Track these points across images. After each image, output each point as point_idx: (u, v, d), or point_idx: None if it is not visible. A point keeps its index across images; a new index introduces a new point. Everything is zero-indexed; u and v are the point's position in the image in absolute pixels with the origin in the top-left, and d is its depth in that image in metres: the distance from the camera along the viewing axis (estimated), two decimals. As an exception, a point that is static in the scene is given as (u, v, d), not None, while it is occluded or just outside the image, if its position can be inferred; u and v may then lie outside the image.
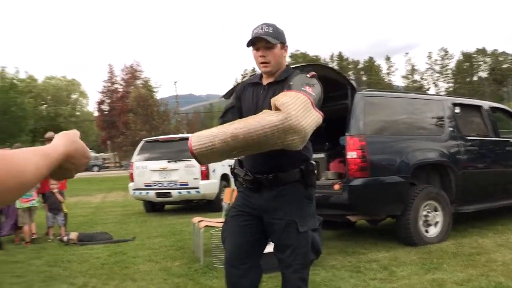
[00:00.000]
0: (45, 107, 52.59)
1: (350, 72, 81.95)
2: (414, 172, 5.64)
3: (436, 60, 76.45)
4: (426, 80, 78.16)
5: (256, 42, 2.58)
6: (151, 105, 37.49)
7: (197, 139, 2.32)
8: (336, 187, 5.36)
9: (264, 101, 2.58)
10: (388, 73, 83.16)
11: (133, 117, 36.97)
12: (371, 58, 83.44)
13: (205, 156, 2.34)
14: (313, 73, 2.54)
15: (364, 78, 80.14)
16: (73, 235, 7.12)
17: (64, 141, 0.93)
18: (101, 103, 46.81)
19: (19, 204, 7.11)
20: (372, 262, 4.93)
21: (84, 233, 7.38)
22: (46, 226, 7.76)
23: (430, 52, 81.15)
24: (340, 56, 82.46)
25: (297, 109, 2.21)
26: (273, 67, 2.60)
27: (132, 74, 46.31)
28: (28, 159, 0.75)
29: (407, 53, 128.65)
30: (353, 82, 5.73)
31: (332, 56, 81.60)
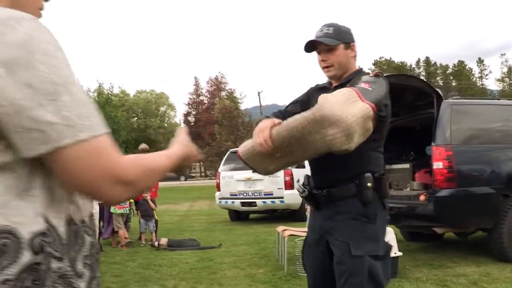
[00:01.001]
0: (136, 120, 55.67)
1: (438, 78, 78.46)
2: (507, 183, 5.35)
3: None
4: (524, 83, 72.87)
5: (317, 45, 2.33)
6: (236, 116, 38.47)
7: (244, 144, 2.25)
8: (422, 198, 5.24)
9: None
10: (480, 77, 78.59)
11: (218, 128, 38.17)
12: (461, 62, 79.27)
13: (251, 160, 2.22)
14: (378, 71, 2.25)
15: (454, 84, 76.39)
16: (163, 240, 7.57)
17: (181, 145, 1.18)
18: (187, 114, 49.05)
19: (113, 209, 7.70)
20: (460, 277, 4.75)
21: (173, 239, 7.80)
22: (139, 231, 8.31)
23: (528, 53, 75.56)
24: (427, 61, 79.33)
25: (333, 99, 1.95)
26: (337, 70, 2.34)
27: (217, 86, 48.05)
28: (159, 159, 1.02)
29: (503, 54, 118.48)
30: (439, 91, 5.57)
31: (418, 62, 78.75)
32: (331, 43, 2.27)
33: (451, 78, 78.41)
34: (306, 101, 2.46)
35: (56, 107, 0.79)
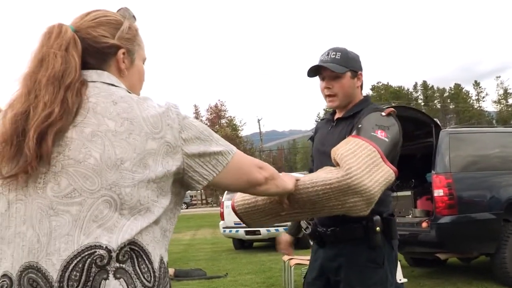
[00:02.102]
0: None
1: (436, 101, 79.14)
2: (507, 208, 5.49)
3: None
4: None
5: (321, 70, 2.15)
6: (237, 144, 38.73)
7: (241, 195, 1.97)
8: (424, 225, 5.37)
9: (330, 141, 2.12)
10: (477, 99, 79.31)
11: (219, 156, 38.40)
12: (458, 85, 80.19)
13: (249, 216, 1.99)
14: (390, 109, 2.11)
15: (451, 106, 76.99)
16: (170, 271, 7.58)
17: (293, 180, 1.66)
18: (188, 142, 49.16)
19: None
20: (465, 302, 4.84)
21: (180, 269, 7.88)
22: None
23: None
24: (424, 85, 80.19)
25: (360, 164, 1.78)
26: (341, 100, 2.17)
27: (217, 113, 48.38)
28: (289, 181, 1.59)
29: (498, 77, 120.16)
30: (437, 121, 5.78)
31: (415, 86, 79.58)
32: (338, 70, 2.10)
33: (449, 101, 79.15)
34: (312, 145, 2.38)
35: (216, 141, 1.16)
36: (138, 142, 1.00)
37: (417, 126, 5.90)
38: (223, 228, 10.98)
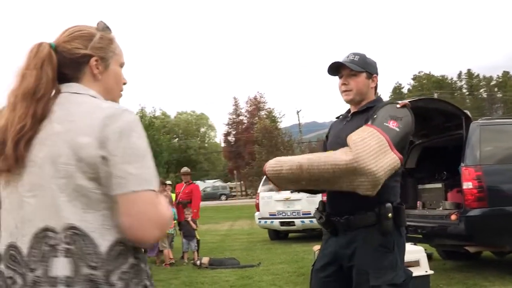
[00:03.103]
0: (177, 141, 56.88)
1: (482, 90, 76.37)
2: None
3: None
4: None
5: (341, 70, 2.44)
6: (276, 136, 38.72)
7: (273, 161, 2.42)
8: (453, 217, 5.36)
9: (344, 133, 2.31)
10: (527, 88, 75.80)
11: (258, 148, 38.51)
12: (506, 73, 76.80)
13: (276, 179, 2.39)
14: (405, 102, 2.32)
15: (499, 95, 74.10)
16: (205, 259, 7.92)
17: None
18: (227, 134, 49.64)
19: None
20: (494, 295, 4.83)
21: (214, 258, 8.14)
22: (181, 251, 8.70)
23: None
24: (469, 73, 77.45)
25: (368, 150, 2.05)
26: (355, 95, 2.42)
27: (256, 105, 48.48)
28: (168, 209, 1.30)
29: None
30: (468, 112, 5.72)
31: (460, 75, 76.99)
32: (355, 68, 2.38)
33: (496, 90, 76.13)
34: (327, 138, 2.63)
35: (141, 164, 1.20)
36: (73, 141, 1.18)
37: (447, 118, 5.87)
38: (259, 219, 11.18)
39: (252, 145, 41.74)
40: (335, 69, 2.46)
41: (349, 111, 2.55)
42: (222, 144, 55.04)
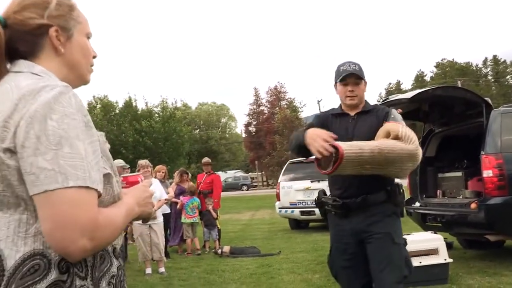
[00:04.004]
0: (198, 132, 57.27)
1: (508, 77, 74.55)
2: None
3: None
4: None
5: (347, 77, 2.86)
6: (297, 126, 38.71)
7: (348, 145, 2.49)
8: (473, 205, 5.33)
9: (355, 129, 2.82)
10: (556, 75, 73.56)
11: (279, 138, 38.56)
12: (533, 60, 74.56)
13: (346, 164, 2.46)
14: (400, 110, 2.98)
15: (527, 82, 72.04)
16: (226, 248, 8.05)
17: (138, 206, 1.23)
18: (248, 125, 49.78)
19: (184, 219, 8.29)
20: (515, 284, 4.80)
21: (235, 247, 8.27)
22: (203, 239, 8.85)
23: None
24: (495, 59, 75.57)
25: (417, 141, 2.57)
26: (358, 100, 2.88)
27: (277, 95, 48.46)
28: (119, 218, 1.11)
29: None
30: (489, 100, 5.64)
31: (485, 61, 75.22)
32: (361, 76, 2.88)
33: (523, 76, 74.03)
34: (321, 127, 2.79)
35: (55, 155, 0.95)
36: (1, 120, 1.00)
37: (468, 106, 5.81)
38: (279, 208, 11.26)
39: (273, 135, 41.81)
40: (344, 76, 2.86)
41: (343, 111, 2.95)
42: (243, 135, 55.28)
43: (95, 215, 0.99)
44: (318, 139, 2.46)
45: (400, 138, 2.53)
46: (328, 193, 3.05)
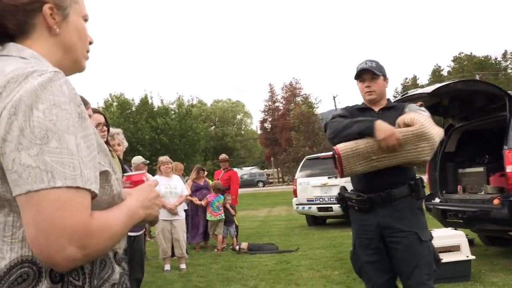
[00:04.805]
0: (213, 128, 57.30)
1: (529, 70, 72.97)
2: None
3: None
4: None
5: (362, 74, 2.95)
6: (313, 121, 38.52)
7: (343, 144, 2.65)
8: (496, 201, 5.23)
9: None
10: None
11: (295, 134, 38.44)
12: (554, 52, 72.91)
13: (347, 159, 2.59)
14: (421, 102, 2.91)
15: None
16: (244, 245, 8.05)
17: (142, 209, 1.10)
18: (263, 121, 49.69)
19: (209, 217, 8.31)
20: (540, 281, 4.70)
21: (253, 244, 8.26)
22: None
23: None
24: (514, 53, 74.06)
25: (426, 121, 2.59)
26: (377, 95, 2.93)
27: (292, 91, 48.30)
28: (118, 222, 0.98)
29: None
30: (511, 93, 5.52)
31: (505, 54, 73.83)
32: (377, 72, 2.93)
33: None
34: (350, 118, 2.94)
35: (40, 150, 0.83)
36: None
37: (490, 100, 5.69)
38: (296, 205, 11.22)
39: (289, 132, 41.69)
40: (358, 74, 2.96)
41: (367, 106, 3.00)
42: (259, 131, 55.18)
43: (86, 219, 0.87)
44: (392, 136, 2.56)
45: (408, 125, 2.61)
46: (349, 189, 3.05)
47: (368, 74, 2.93)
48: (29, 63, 0.94)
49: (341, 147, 2.62)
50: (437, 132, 2.59)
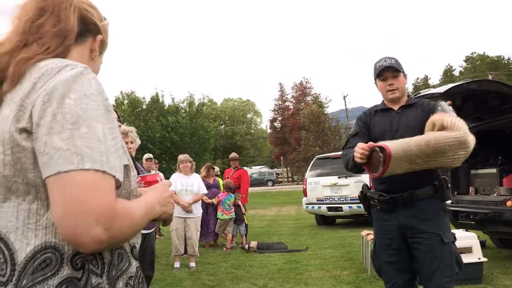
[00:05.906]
0: (223, 127, 57.38)
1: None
2: None
3: None
4: None
5: (384, 72, 2.87)
6: (323, 121, 38.40)
7: (394, 143, 2.49)
8: (509, 203, 5.17)
9: (400, 123, 2.82)
10: None
11: (305, 134, 38.34)
12: None
13: (395, 162, 2.44)
14: (450, 102, 2.82)
15: None
16: (253, 243, 8.04)
17: (159, 206, 1.13)
18: (273, 120, 49.61)
19: (221, 215, 8.32)
20: (553, 284, 4.64)
21: (262, 243, 8.25)
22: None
23: None
24: (527, 54, 73.15)
25: (466, 127, 2.54)
26: (400, 93, 2.87)
27: (302, 91, 48.18)
28: (139, 212, 1.01)
29: None
30: (526, 94, 5.44)
31: (517, 56, 72.91)
32: (399, 68, 2.85)
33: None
34: (367, 129, 2.94)
35: (71, 135, 0.89)
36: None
37: (504, 100, 5.62)
38: (306, 204, 11.20)
39: (299, 131, 41.60)
40: (380, 71, 2.86)
41: (386, 106, 2.94)
42: (268, 130, 55.10)
43: (112, 202, 0.90)
44: (356, 149, 2.54)
45: (446, 128, 2.52)
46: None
47: (390, 71, 2.86)
48: (62, 60, 1.01)
49: (393, 146, 2.46)
50: (472, 140, 2.54)
